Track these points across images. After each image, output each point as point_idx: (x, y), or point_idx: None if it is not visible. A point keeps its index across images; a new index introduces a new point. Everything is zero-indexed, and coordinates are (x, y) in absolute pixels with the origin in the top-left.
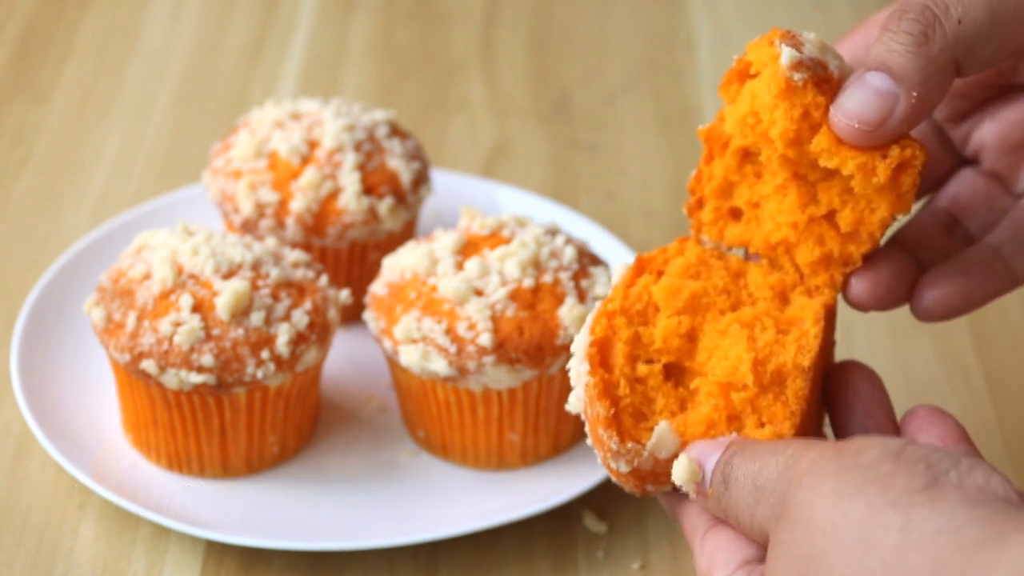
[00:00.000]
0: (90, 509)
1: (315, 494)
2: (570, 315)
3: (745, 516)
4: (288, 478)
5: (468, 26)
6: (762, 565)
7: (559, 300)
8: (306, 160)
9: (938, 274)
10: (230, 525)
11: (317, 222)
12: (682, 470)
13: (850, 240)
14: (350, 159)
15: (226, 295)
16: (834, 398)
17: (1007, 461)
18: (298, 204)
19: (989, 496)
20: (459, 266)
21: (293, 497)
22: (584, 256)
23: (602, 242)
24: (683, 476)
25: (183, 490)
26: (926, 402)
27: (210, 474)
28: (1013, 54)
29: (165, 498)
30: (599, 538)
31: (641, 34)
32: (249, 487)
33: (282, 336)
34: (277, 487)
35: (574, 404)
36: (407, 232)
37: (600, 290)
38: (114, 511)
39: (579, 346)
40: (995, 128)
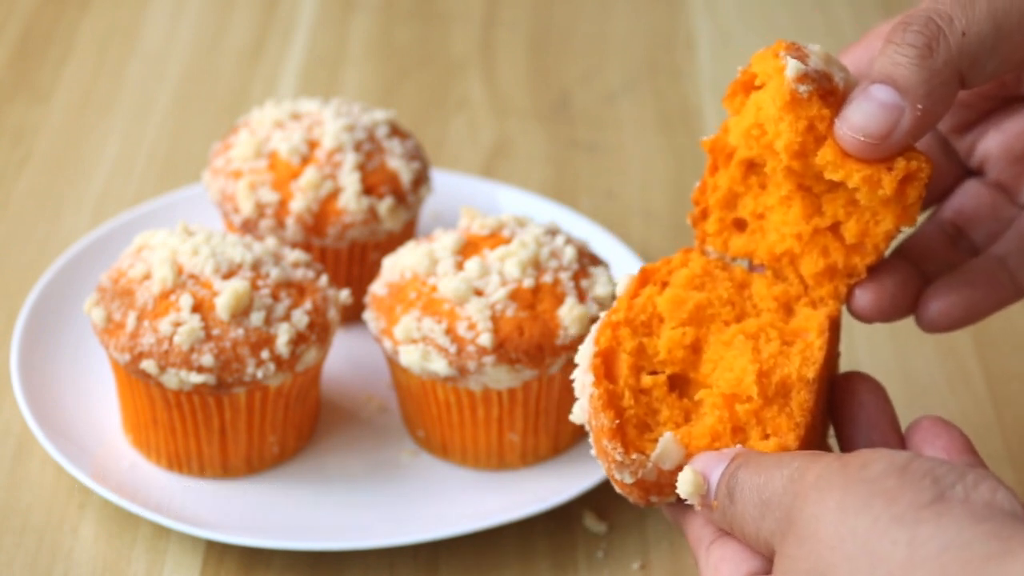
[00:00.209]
0: (90, 509)
1: (315, 494)
2: (570, 315)
3: (751, 529)
4: (288, 478)
5: (468, 26)
6: None
7: (559, 300)
8: (306, 160)
9: (943, 285)
10: (230, 525)
11: (317, 222)
12: (687, 483)
13: (854, 252)
14: (350, 159)
15: (226, 295)
16: (839, 409)
17: (1007, 463)
18: (298, 204)
19: (995, 510)
20: (459, 266)
21: (293, 497)
22: (584, 256)
23: (602, 242)
24: (688, 489)
25: (183, 490)
26: (927, 404)
27: (210, 474)
28: (1017, 66)
29: (165, 498)
30: (599, 538)
31: (641, 34)
32: (249, 487)
33: (282, 336)
34: (277, 487)
35: (578, 415)
36: (407, 232)
37: (600, 290)
38: (114, 511)
39: (583, 357)
40: (1000, 139)
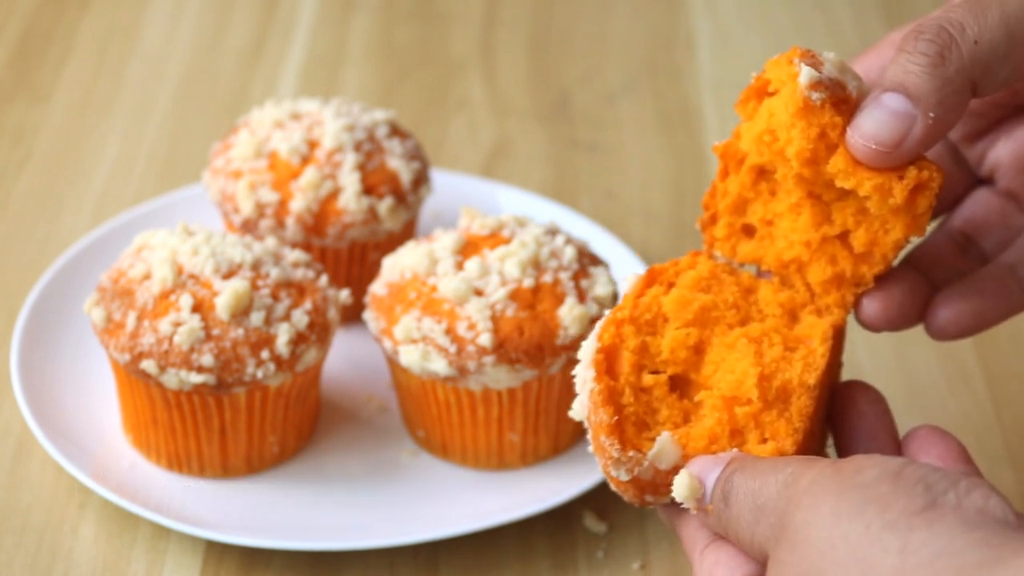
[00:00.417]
0: (90, 509)
1: (315, 494)
2: (570, 315)
3: (745, 534)
4: (288, 478)
5: (468, 26)
6: None
7: (559, 300)
8: (306, 160)
9: (952, 293)
10: (230, 525)
11: (317, 222)
12: (683, 486)
13: (863, 261)
14: (350, 159)
15: (226, 295)
16: (838, 418)
17: (1007, 463)
18: (298, 204)
19: (987, 518)
20: (459, 266)
21: (293, 497)
22: (584, 256)
23: (602, 242)
24: (684, 492)
25: (183, 490)
26: (927, 405)
27: (210, 474)
28: None
29: (165, 498)
30: (599, 538)
31: (641, 34)
32: (249, 487)
33: (282, 336)
34: (277, 487)
35: (578, 410)
36: (407, 232)
37: (600, 290)
38: (114, 511)
39: (586, 352)
40: (1010, 148)
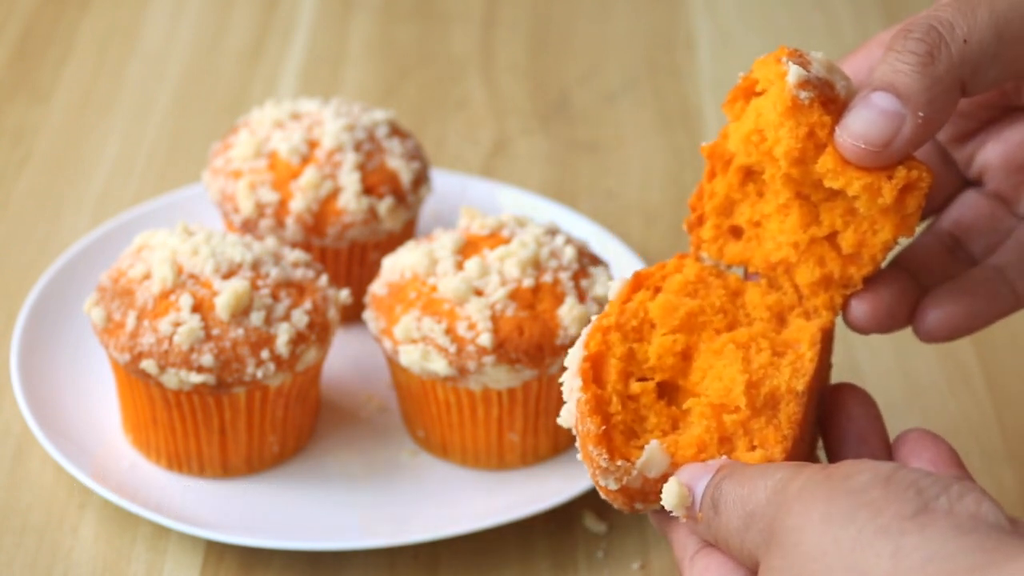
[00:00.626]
0: (90, 509)
1: (315, 494)
2: (570, 315)
3: (735, 541)
4: (288, 478)
5: (468, 26)
6: None
7: (559, 300)
8: (306, 160)
9: (941, 295)
10: (230, 525)
11: (317, 222)
12: (672, 494)
13: (851, 262)
14: (350, 159)
15: (226, 295)
16: (828, 422)
17: (1007, 463)
18: (298, 204)
19: (980, 523)
20: (459, 266)
21: (293, 497)
22: (584, 256)
23: (602, 242)
24: (673, 500)
25: (183, 490)
26: (927, 405)
27: (210, 474)
28: (1018, 74)
29: (165, 498)
30: (599, 538)
31: (641, 34)
32: (249, 487)
33: (282, 336)
34: (277, 487)
35: (566, 418)
36: (407, 232)
37: (600, 290)
38: (114, 511)
39: (572, 360)
40: (999, 149)
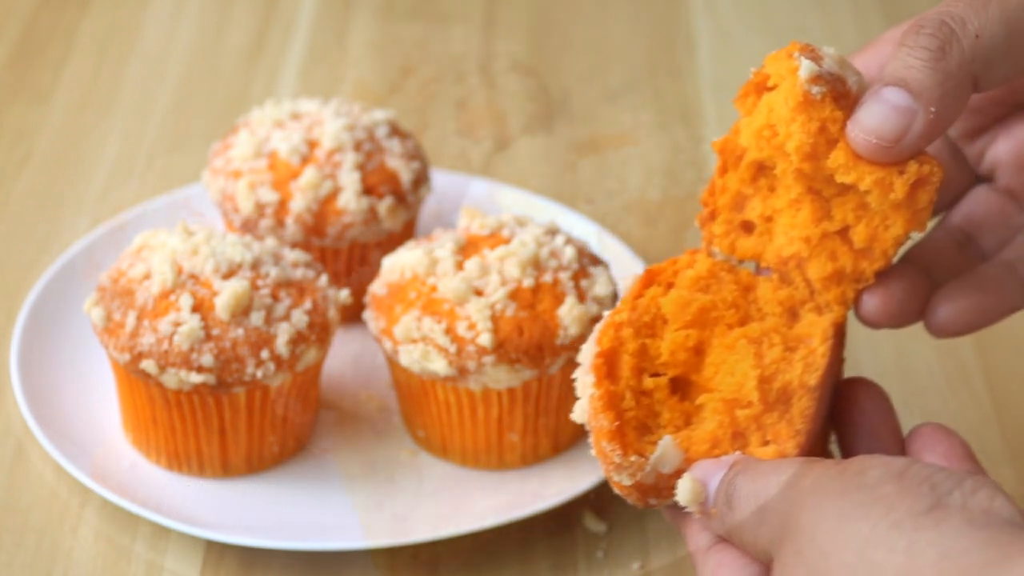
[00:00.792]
0: (90, 509)
1: (315, 494)
2: (570, 315)
3: (749, 537)
4: (288, 478)
5: (468, 26)
6: None
7: (559, 300)
8: (306, 160)
9: (952, 290)
10: (230, 525)
11: (317, 222)
12: (686, 490)
13: (863, 257)
14: (350, 159)
15: (226, 295)
16: (841, 416)
17: (1007, 463)
18: (298, 204)
19: (994, 517)
20: (459, 266)
21: (293, 497)
22: (584, 256)
23: (602, 242)
24: (687, 496)
25: (183, 490)
26: (927, 404)
27: (210, 474)
28: None
29: (165, 498)
30: (599, 538)
31: (641, 34)
32: (249, 487)
33: (282, 336)
34: (277, 487)
35: (579, 415)
36: (407, 232)
37: (600, 290)
38: (114, 511)
39: (585, 356)
40: (1010, 145)
